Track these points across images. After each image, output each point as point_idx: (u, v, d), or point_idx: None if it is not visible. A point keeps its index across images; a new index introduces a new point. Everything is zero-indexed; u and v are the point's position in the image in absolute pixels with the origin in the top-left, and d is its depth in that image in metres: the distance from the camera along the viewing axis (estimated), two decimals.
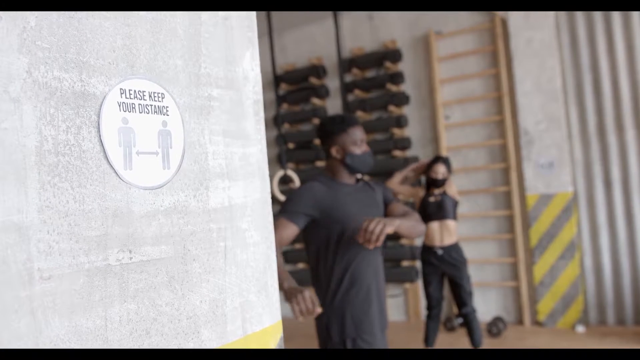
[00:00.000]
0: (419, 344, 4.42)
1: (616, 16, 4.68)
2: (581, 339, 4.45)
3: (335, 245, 2.05)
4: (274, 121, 5.53)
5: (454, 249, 3.92)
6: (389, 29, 5.64)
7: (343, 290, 2.04)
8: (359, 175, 2.24)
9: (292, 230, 1.98)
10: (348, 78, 5.77)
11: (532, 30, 4.91)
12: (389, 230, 1.84)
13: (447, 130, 5.37)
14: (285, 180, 4.66)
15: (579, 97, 4.89)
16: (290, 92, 6.05)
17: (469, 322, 3.84)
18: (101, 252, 0.79)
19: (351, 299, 2.03)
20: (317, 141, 5.68)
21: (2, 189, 0.67)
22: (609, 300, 4.78)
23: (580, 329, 4.69)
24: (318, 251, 2.08)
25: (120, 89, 0.84)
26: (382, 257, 2.19)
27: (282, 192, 4.45)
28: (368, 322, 2.03)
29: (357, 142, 2.15)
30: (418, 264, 5.36)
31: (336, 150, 2.15)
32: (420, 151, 5.49)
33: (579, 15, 4.85)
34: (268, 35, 4.06)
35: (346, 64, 5.58)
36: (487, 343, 4.47)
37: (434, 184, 3.89)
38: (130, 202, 0.84)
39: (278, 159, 5.23)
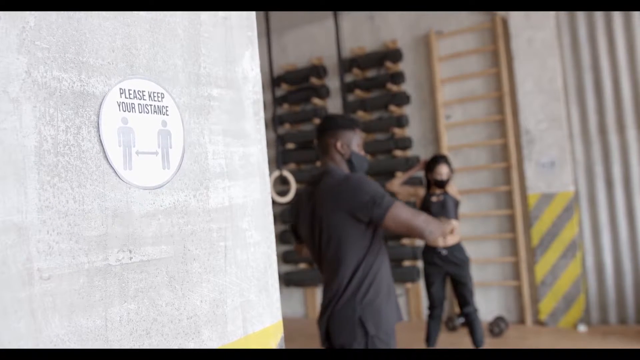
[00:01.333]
0: (420, 344, 4.42)
1: (617, 16, 4.67)
2: (583, 339, 4.45)
3: (378, 243, 2.10)
4: (271, 123, 5.51)
5: (457, 248, 3.92)
6: (389, 29, 5.64)
7: (376, 287, 2.06)
8: None
9: None
10: (349, 78, 5.77)
11: (533, 30, 4.90)
12: None
13: (448, 129, 5.37)
14: (283, 182, 4.65)
15: (580, 97, 4.88)
16: (291, 92, 6.05)
17: (470, 322, 3.84)
18: (101, 252, 0.79)
19: (383, 295, 2.07)
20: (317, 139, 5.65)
21: (2, 189, 0.67)
22: (611, 300, 4.77)
23: (582, 328, 4.69)
24: (367, 247, 2.07)
25: (120, 88, 0.84)
26: None
27: (280, 193, 4.43)
28: (392, 318, 2.09)
29: (360, 144, 2.22)
30: (420, 263, 5.36)
31: (341, 145, 2.16)
32: (421, 151, 5.49)
33: (580, 15, 4.85)
34: (266, 37, 4.05)
35: (347, 64, 5.57)
36: (488, 343, 4.47)
37: (437, 184, 3.88)
38: (130, 202, 0.84)
39: (276, 161, 5.22)
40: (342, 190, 2.04)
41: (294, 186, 4.10)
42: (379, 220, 2.00)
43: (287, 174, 4.09)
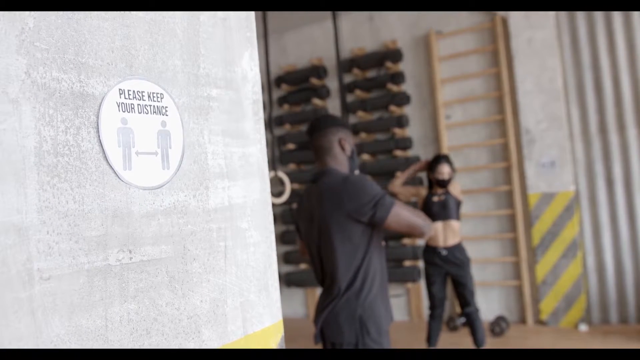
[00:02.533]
0: (421, 344, 4.42)
1: (617, 15, 4.67)
2: (584, 338, 4.44)
3: (377, 242, 2.09)
4: (268, 124, 5.48)
5: (458, 249, 3.92)
6: (389, 29, 5.64)
7: (375, 287, 2.07)
8: None
9: None
10: (349, 78, 5.77)
11: (532, 30, 4.90)
12: None
13: (448, 129, 5.37)
14: (279, 182, 4.63)
15: (580, 96, 4.88)
16: (291, 92, 6.05)
17: (472, 322, 3.83)
18: (101, 252, 0.79)
19: (380, 295, 2.08)
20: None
21: (2, 190, 0.68)
22: (612, 299, 4.77)
23: (583, 327, 4.69)
24: (367, 247, 2.07)
25: (119, 89, 0.84)
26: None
27: (275, 194, 4.38)
28: (386, 318, 2.09)
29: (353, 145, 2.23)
30: (420, 263, 5.36)
31: (343, 143, 2.15)
32: (421, 151, 5.49)
33: (580, 15, 4.84)
34: (264, 38, 4.05)
35: (347, 65, 5.58)
36: (489, 342, 4.46)
37: (439, 184, 3.88)
38: (129, 202, 0.84)
39: (271, 162, 5.20)
40: (342, 192, 2.03)
41: (288, 187, 4.10)
42: (381, 220, 1.98)
43: (282, 174, 4.09)
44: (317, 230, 2.11)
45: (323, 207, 2.07)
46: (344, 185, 2.04)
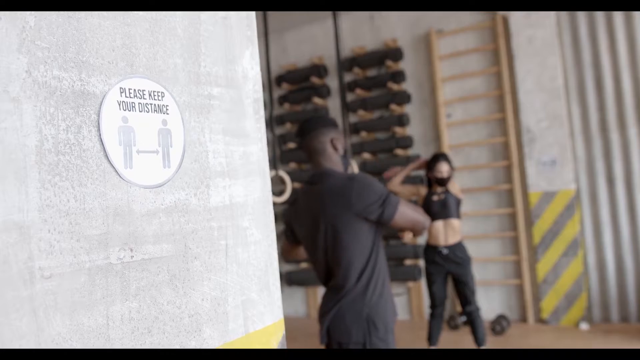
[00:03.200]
0: (422, 343, 4.42)
1: (618, 13, 4.67)
2: (585, 337, 4.44)
3: (379, 241, 2.11)
4: (268, 123, 5.48)
5: (459, 247, 3.91)
6: (390, 28, 5.64)
7: (380, 285, 2.08)
8: None
9: None
10: (349, 77, 5.77)
11: (533, 29, 4.90)
12: None
13: (448, 128, 5.37)
14: (280, 181, 4.63)
15: (580, 95, 4.88)
16: (292, 91, 6.05)
17: (472, 321, 3.84)
18: (102, 251, 0.79)
19: (384, 292, 2.09)
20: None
21: (3, 189, 0.68)
22: (613, 298, 4.77)
23: (584, 326, 4.69)
24: (372, 246, 2.08)
25: (120, 88, 0.84)
26: None
27: (276, 193, 4.38)
28: (391, 315, 2.10)
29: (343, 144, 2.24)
30: (421, 262, 5.36)
31: (335, 142, 2.15)
32: (422, 150, 5.49)
33: (581, 13, 4.84)
34: (264, 37, 4.04)
35: (347, 64, 5.58)
36: (490, 341, 4.46)
37: (438, 182, 3.88)
38: (131, 201, 0.84)
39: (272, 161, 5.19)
40: (350, 192, 2.03)
41: (289, 186, 4.10)
42: (389, 218, 2.01)
43: (282, 173, 4.09)
44: (322, 231, 2.09)
45: (328, 208, 2.06)
46: (351, 185, 2.04)
